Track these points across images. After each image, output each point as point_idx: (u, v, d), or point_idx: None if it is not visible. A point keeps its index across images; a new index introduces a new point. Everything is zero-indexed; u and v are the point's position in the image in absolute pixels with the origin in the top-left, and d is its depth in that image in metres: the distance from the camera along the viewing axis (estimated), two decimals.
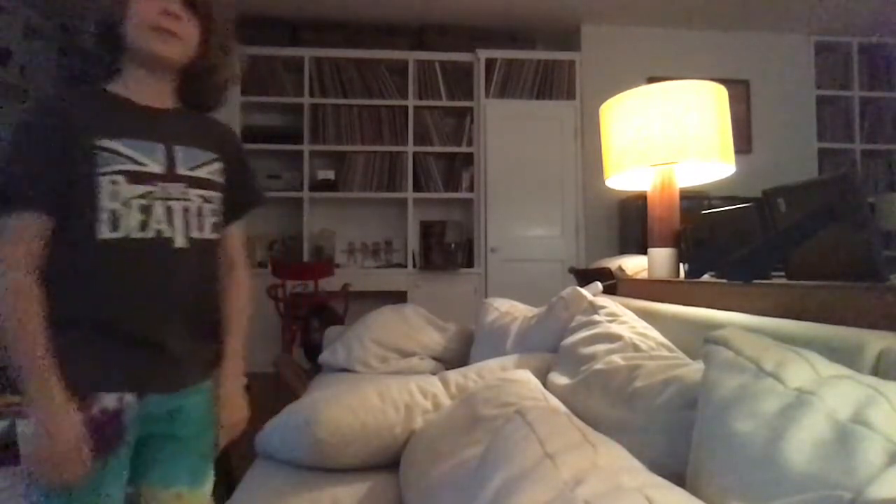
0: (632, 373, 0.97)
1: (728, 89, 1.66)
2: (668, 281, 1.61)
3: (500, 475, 0.61)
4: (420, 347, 2.21)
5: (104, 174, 0.85)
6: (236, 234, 1.08)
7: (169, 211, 0.90)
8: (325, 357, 2.23)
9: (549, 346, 1.48)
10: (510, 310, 1.92)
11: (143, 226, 0.87)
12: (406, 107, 4.32)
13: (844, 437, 0.51)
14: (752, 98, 4.50)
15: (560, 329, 1.46)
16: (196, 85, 1.00)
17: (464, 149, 4.38)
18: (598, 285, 1.65)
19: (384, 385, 1.32)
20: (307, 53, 4.23)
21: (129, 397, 0.87)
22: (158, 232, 0.89)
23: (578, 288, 1.56)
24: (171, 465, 0.95)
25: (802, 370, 0.62)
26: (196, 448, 0.98)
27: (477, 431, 0.95)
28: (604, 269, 2.11)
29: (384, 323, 2.28)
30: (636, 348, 1.10)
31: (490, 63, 4.32)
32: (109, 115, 0.89)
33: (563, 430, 0.64)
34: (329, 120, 4.26)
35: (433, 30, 4.38)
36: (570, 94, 4.37)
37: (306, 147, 4.25)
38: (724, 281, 1.29)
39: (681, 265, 1.65)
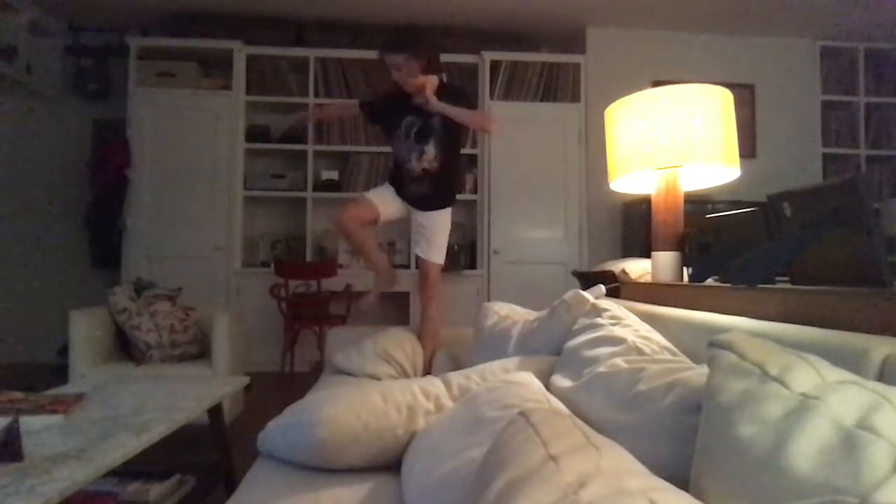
0: (635, 376, 0.96)
1: (733, 93, 1.65)
2: (672, 285, 1.61)
3: (502, 477, 0.61)
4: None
5: None
6: None
7: None
8: (338, 360, 2.22)
9: (551, 349, 1.47)
10: (509, 313, 1.91)
11: None
12: None
13: (850, 443, 0.50)
14: (757, 102, 4.50)
15: (563, 332, 1.45)
16: None
17: (468, 150, 4.38)
18: (602, 288, 1.65)
19: (387, 386, 1.32)
20: (312, 54, 4.24)
21: None
22: None
23: (581, 291, 1.56)
24: None
25: (807, 375, 0.61)
26: None
27: (479, 433, 0.95)
28: (607, 272, 2.11)
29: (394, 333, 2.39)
30: (639, 352, 1.09)
31: (495, 65, 4.32)
32: None
33: (566, 433, 0.64)
34: None
35: (438, 31, 4.38)
36: (575, 97, 4.36)
37: (310, 147, 4.26)
38: (728, 285, 1.28)
39: (684, 269, 1.65)
